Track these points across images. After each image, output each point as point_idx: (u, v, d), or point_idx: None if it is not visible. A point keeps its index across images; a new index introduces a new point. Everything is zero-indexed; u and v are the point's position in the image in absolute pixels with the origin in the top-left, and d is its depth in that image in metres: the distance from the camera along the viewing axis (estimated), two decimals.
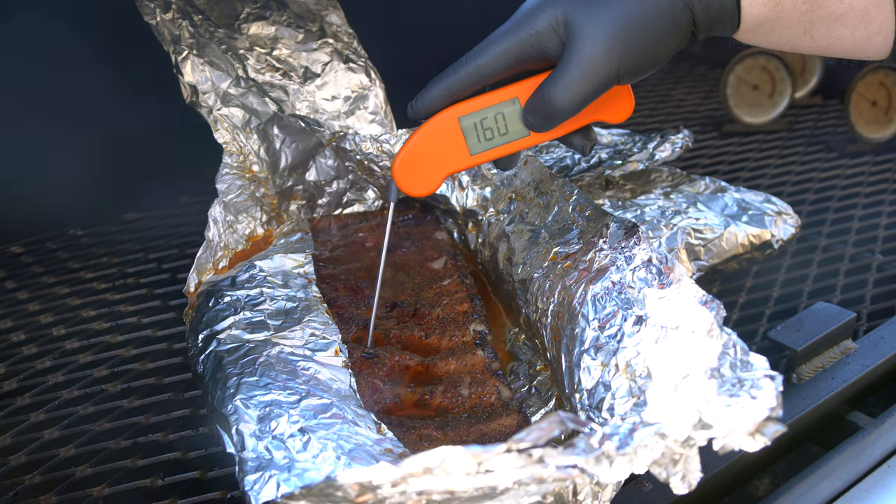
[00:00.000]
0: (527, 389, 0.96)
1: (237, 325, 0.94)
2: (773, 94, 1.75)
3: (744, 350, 0.67)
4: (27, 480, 0.92)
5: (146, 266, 1.32)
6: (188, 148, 1.29)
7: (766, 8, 0.78)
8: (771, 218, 1.22)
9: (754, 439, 0.58)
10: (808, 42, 0.81)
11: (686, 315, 0.74)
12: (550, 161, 1.34)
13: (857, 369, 1.05)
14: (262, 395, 0.82)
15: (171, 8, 1.23)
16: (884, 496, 0.96)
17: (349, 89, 1.31)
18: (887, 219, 1.44)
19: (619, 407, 0.76)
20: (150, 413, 1.01)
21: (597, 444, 0.57)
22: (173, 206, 1.50)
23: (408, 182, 0.87)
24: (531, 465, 0.54)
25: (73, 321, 1.18)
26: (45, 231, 1.42)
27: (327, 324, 0.94)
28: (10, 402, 1.03)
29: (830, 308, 1.10)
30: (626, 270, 0.86)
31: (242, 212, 1.15)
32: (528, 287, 1.00)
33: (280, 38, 1.30)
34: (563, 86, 0.79)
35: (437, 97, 0.84)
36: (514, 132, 0.86)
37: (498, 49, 0.81)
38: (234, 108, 1.23)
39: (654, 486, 0.86)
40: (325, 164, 1.25)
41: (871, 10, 0.77)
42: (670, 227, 1.16)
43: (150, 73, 1.32)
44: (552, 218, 1.05)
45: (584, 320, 0.85)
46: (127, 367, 1.09)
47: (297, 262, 1.05)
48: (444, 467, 0.54)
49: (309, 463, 0.75)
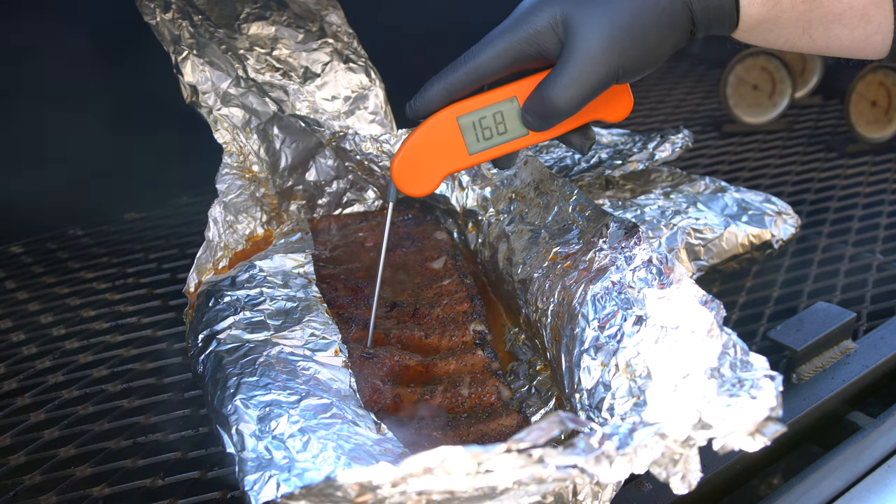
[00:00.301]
0: (527, 389, 0.96)
1: (237, 325, 0.94)
2: (773, 94, 1.75)
3: (744, 350, 0.67)
4: (27, 480, 0.92)
5: (146, 266, 1.32)
6: (188, 148, 1.29)
7: (765, 7, 0.78)
8: (771, 218, 1.22)
9: (754, 439, 0.58)
10: (807, 41, 0.81)
11: (686, 315, 0.74)
12: (550, 161, 1.34)
13: (857, 369, 1.05)
14: (262, 395, 0.82)
15: (171, 8, 1.23)
16: (884, 496, 0.96)
17: (349, 89, 1.31)
18: (887, 219, 1.44)
19: (619, 407, 0.76)
20: (150, 413, 1.01)
21: (597, 444, 0.57)
22: (173, 206, 1.50)
23: (407, 182, 0.87)
24: (531, 464, 0.54)
25: (73, 321, 1.18)
26: (45, 231, 1.42)
27: (327, 324, 0.94)
28: (10, 402, 1.03)
29: (830, 308, 1.10)
30: (626, 270, 0.86)
31: (242, 212, 1.15)
32: (528, 287, 1.00)
33: (280, 38, 1.30)
34: (561, 85, 0.79)
35: (436, 97, 0.84)
36: (512, 131, 0.86)
37: (496, 48, 0.81)
38: (234, 108, 1.23)
39: (654, 486, 0.86)
40: (325, 164, 1.25)
41: (870, 10, 0.77)
42: (670, 227, 1.16)
43: (150, 72, 1.31)
44: (552, 218, 1.05)
45: (584, 320, 0.85)
46: (127, 367, 1.09)
47: (297, 262, 1.05)
48: (444, 467, 0.54)
49: (309, 463, 0.75)
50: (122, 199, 1.47)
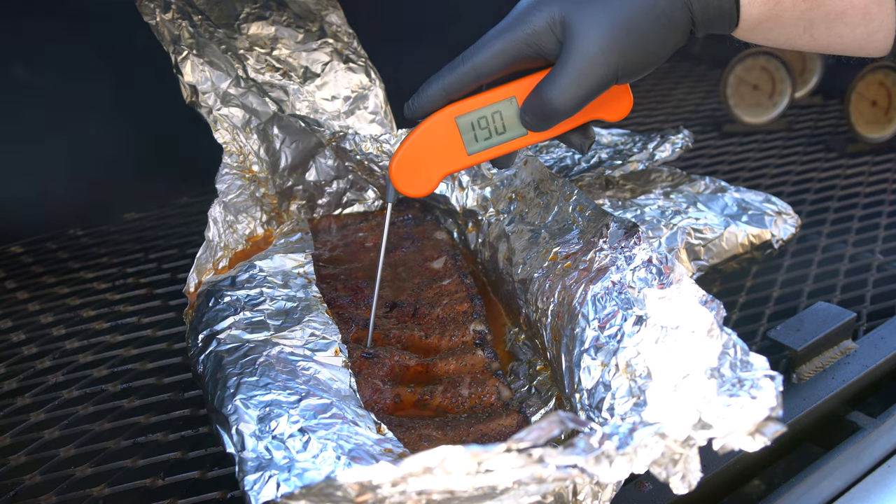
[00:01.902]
0: (527, 389, 0.96)
1: (237, 325, 0.94)
2: (773, 94, 1.75)
3: (744, 350, 0.67)
4: (27, 480, 0.92)
5: (146, 266, 1.32)
6: (188, 148, 1.29)
7: (766, 7, 0.78)
8: (771, 218, 1.22)
9: (754, 439, 0.58)
10: (808, 40, 0.80)
11: (686, 315, 0.74)
12: (550, 161, 1.34)
13: (857, 369, 1.05)
14: (262, 395, 0.82)
15: (171, 8, 1.23)
16: (884, 496, 0.96)
17: (349, 89, 1.31)
18: (887, 219, 1.44)
19: (619, 407, 0.76)
20: (150, 413, 1.01)
21: (597, 443, 0.57)
22: (173, 206, 1.50)
23: (405, 183, 0.87)
24: (531, 464, 0.54)
25: (73, 321, 1.18)
26: (45, 231, 1.42)
27: (327, 324, 0.94)
28: (10, 402, 1.03)
29: (830, 308, 1.10)
30: (627, 270, 0.86)
31: (242, 212, 1.15)
32: (528, 287, 1.00)
33: (280, 38, 1.30)
34: (560, 87, 0.78)
35: (434, 97, 0.84)
36: (511, 131, 0.85)
37: (494, 48, 0.80)
38: (233, 108, 1.23)
39: (654, 486, 0.86)
40: (325, 164, 1.25)
41: (872, 8, 0.77)
42: (670, 226, 1.16)
43: (149, 72, 1.32)
44: (552, 218, 1.05)
45: (584, 320, 0.85)
46: (127, 367, 1.09)
47: (297, 262, 1.05)
48: (444, 467, 0.53)
49: (309, 463, 0.75)
50: (122, 199, 1.47)
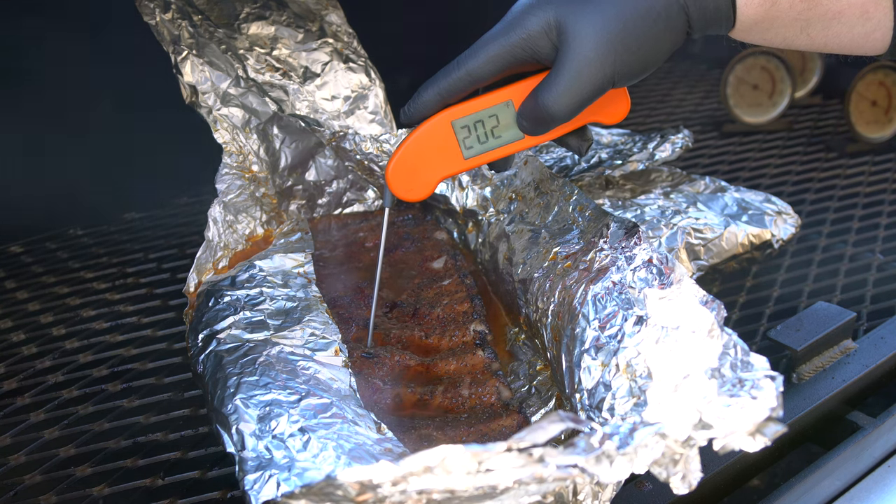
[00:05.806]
0: (527, 389, 0.96)
1: (237, 325, 0.94)
2: (773, 94, 1.75)
3: (744, 350, 0.67)
4: (27, 480, 0.92)
5: (146, 266, 1.32)
6: (188, 148, 1.29)
7: (763, 8, 0.78)
8: (771, 218, 1.22)
9: (754, 439, 0.58)
10: (805, 39, 0.80)
11: (686, 315, 0.74)
12: (550, 161, 1.34)
13: (857, 369, 1.05)
14: (262, 395, 0.82)
15: (171, 8, 1.23)
16: (884, 496, 0.96)
17: (349, 89, 1.31)
18: (887, 219, 1.44)
19: (619, 407, 0.76)
20: (150, 413, 1.01)
21: (597, 443, 0.57)
22: (173, 206, 1.50)
23: (402, 187, 0.86)
24: (531, 464, 0.54)
25: (73, 321, 1.18)
26: (45, 231, 1.42)
27: (327, 323, 0.94)
28: (10, 402, 1.03)
29: (830, 308, 1.10)
30: (627, 270, 0.86)
31: (242, 212, 1.15)
32: (528, 287, 1.00)
33: (280, 38, 1.29)
34: (557, 92, 0.78)
35: (430, 101, 0.83)
36: (508, 135, 0.85)
37: (489, 53, 0.80)
38: (233, 108, 1.23)
39: (654, 486, 0.86)
40: (325, 164, 1.25)
41: (870, 7, 0.77)
42: (670, 226, 1.16)
43: (150, 72, 1.31)
44: (552, 218, 1.05)
45: (584, 320, 0.85)
46: (127, 367, 1.09)
47: (297, 262, 1.05)
48: (444, 466, 0.53)
49: (309, 462, 0.75)
50: (122, 199, 1.47)
